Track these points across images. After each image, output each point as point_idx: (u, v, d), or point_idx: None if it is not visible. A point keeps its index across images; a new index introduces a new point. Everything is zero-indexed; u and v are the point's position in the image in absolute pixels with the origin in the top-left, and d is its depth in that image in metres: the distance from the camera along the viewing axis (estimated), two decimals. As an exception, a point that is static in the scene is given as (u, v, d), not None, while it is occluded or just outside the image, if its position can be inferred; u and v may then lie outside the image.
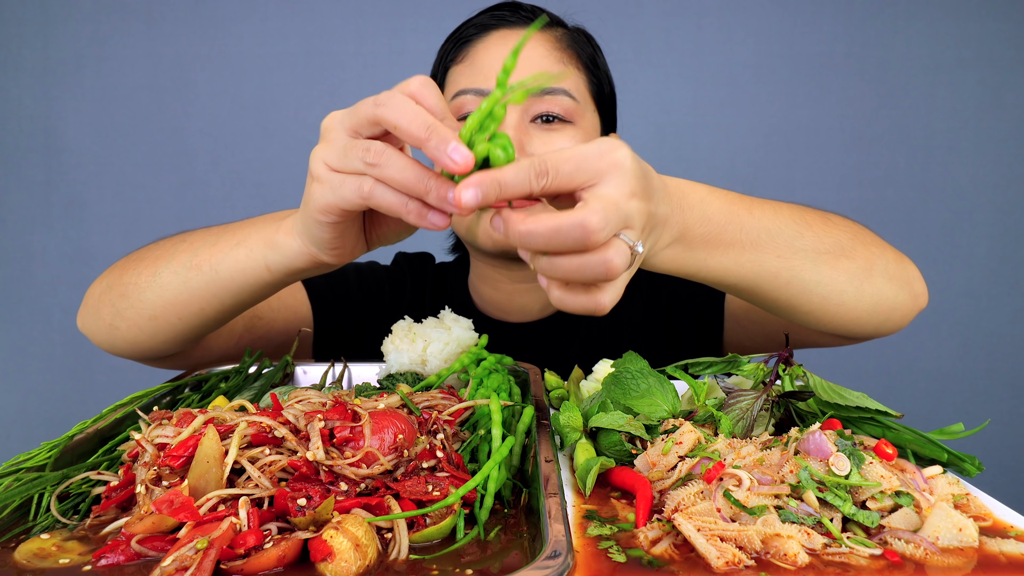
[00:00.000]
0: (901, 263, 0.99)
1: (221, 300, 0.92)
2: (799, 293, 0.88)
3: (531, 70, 1.16)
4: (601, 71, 1.26)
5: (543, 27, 1.22)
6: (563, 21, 1.27)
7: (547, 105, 1.15)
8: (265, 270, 0.87)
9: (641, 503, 0.68)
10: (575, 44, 1.23)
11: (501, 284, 1.33)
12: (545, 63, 1.18)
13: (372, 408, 0.73)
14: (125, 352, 1.03)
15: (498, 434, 0.75)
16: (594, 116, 1.24)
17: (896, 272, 0.97)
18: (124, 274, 0.98)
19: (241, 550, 0.57)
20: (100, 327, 1.01)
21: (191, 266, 0.91)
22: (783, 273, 0.85)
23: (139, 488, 0.65)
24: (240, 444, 0.65)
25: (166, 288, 0.93)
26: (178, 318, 0.95)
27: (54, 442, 0.76)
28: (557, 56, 1.19)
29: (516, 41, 1.18)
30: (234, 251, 0.88)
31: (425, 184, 0.66)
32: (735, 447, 0.74)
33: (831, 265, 0.89)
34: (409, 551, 0.61)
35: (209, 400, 0.98)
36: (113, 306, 0.98)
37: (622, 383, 0.86)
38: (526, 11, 1.24)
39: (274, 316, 1.22)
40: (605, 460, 0.75)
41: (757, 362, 0.93)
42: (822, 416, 0.84)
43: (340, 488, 0.64)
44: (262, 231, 0.86)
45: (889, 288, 0.95)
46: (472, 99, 1.16)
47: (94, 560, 0.58)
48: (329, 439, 0.68)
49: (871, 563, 0.59)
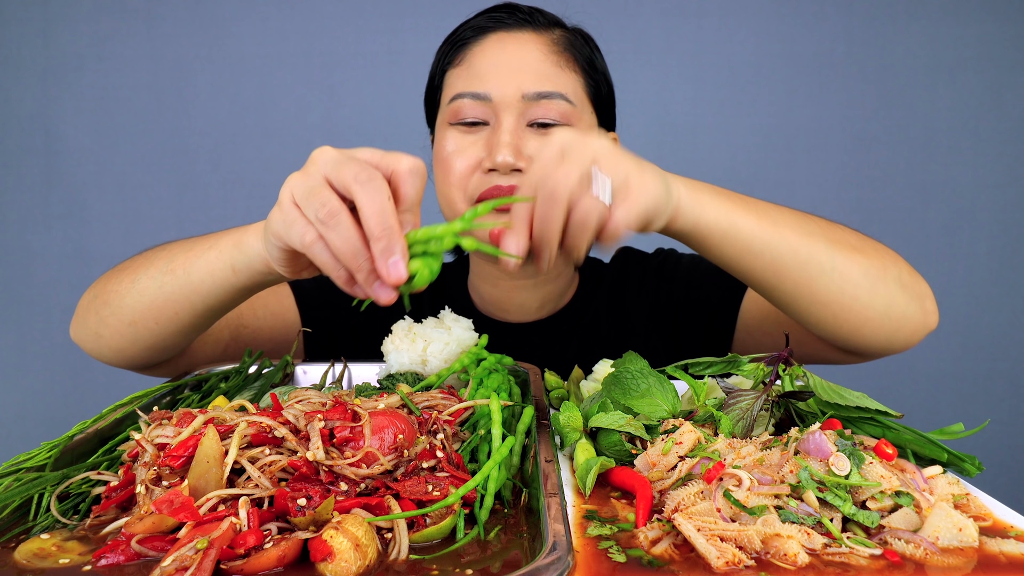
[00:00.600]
0: (915, 277, 1.00)
1: (193, 304, 0.94)
2: (816, 275, 0.90)
3: (528, 73, 1.15)
4: (599, 72, 1.26)
5: (540, 29, 1.21)
6: (562, 22, 1.26)
7: (543, 110, 1.15)
8: (231, 271, 0.88)
9: (641, 503, 0.68)
10: (573, 46, 1.22)
11: (500, 281, 1.33)
12: (542, 66, 1.17)
13: (372, 408, 0.73)
14: (112, 359, 1.05)
15: (498, 434, 0.75)
16: (591, 118, 1.23)
17: (909, 283, 0.98)
18: (108, 283, 1.01)
19: (241, 550, 0.57)
20: (88, 335, 1.04)
21: (167, 271, 0.93)
22: (801, 250, 0.89)
23: (139, 488, 0.65)
24: (240, 444, 0.65)
25: (143, 293, 0.95)
26: (155, 322, 0.97)
27: (54, 442, 0.76)
28: (554, 59, 1.18)
29: (513, 44, 1.18)
30: (206, 254, 0.90)
31: (359, 263, 0.70)
32: (735, 447, 0.74)
33: (846, 256, 0.92)
34: (409, 551, 0.61)
35: (209, 400, 0.98)
36: (97, 314, 1.01)
37: (622, 383, 0.86)
38: (523, 13, 1.23)
39: (260, 324, 1.22)
40: (605, 460, 0.75)
41: (757, 362, 0.93)
42: (822, 416, 0.84)
43: (340, 488, 0.64)
44: (233, 234, 0.89)
45: (902, 296, 0.96)
46: (469, 103, 1.16)
47: (94, 560, 0.58)
48: (329, 439, 0.68)
49: (871, 563, 0.59)
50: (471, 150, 1.16)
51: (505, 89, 1.14)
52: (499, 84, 1.15)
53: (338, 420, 0.70)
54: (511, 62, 1.16)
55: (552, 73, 1.17)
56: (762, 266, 0.90)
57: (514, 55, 1.17)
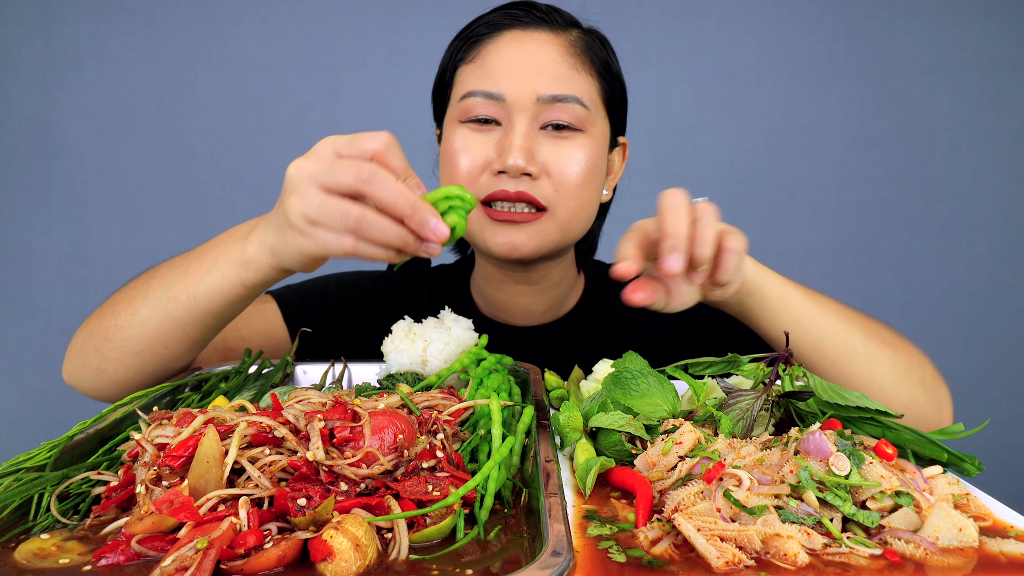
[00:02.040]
0: (937, 382, 1.07)
1: (204, 322, 0.95)
2: (851, 359, 0.98)
3: (544, 74, 1.14)
4: (614, 76, 1.24)
5: (556, 29, 1.19)
6: (578, 22, 1.24)
7: (557, 113, 1.13)
8: (241, 287, 0.90)
9: (641, 503, 0.68)
10: (589, 48, 1.20)
11: (506, 285, 1.32)
12: (558, 68, 1.15)
13: (372, 408, 0.73)
14: (113, 394, 1.04)
15: (498, 434, 0.75)
16: (604, 123, 1.22)
17: (932, 386, 1.05)
18: (103, 319, 1.00)
19: (241, 550, 0.57)
20: (86, 374, 1.03)
21: (168, 298, 0.94)
22: (840, 331, 0.98)
23: (139, 488, 0.65)
24: (240, 444, 0.65)
25: (148, 323, 0.95)
26: (164, 347, 0.97)
27: (54, 442, 0.76)
28: (570, 62, 1.16)
29: (528, 43, 1.16)
30: (208, 277, 0.91)
31: (404, 240, 0.77)
32: (735, 447, 0.74)
33: (878, 347, 1.00)
34: (409, 551, 0.61)
35: (209, 400, 0.98)
36: (97, 350, 1.00)
37: (622, 383, 0.86)
38: (540, 11, 1.20)
39: (244, 344, 1.21)
40: (605, 460, 0.75)
41: (757, 362, 0.93)
42: (822, 416, 0.84)
43: (340, 488, 0.64)
44: (230, 252, 0.90)
45: (922, 396, 1.02)
46: (481, 102, 1.14)
47: (94, 560, 0.58)
48: (329, 439, 0.68)
49: (871, 563, 0.59)
50: (480, 150, 1.14)
51: (520, 90, 1.13)
52: (513, 84, 1.13)
53: (338, 420, 0.70)
54: (527, 62, 1.14)
55: (568, 76, 1.15)
56: (807, 340, 0.98)
57: (530, 55, 1.15)
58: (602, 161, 1.21)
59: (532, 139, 1.13)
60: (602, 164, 1.22)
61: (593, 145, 1.17)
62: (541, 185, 1.14)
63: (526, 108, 1.13)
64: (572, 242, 1.25)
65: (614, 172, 1.32)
